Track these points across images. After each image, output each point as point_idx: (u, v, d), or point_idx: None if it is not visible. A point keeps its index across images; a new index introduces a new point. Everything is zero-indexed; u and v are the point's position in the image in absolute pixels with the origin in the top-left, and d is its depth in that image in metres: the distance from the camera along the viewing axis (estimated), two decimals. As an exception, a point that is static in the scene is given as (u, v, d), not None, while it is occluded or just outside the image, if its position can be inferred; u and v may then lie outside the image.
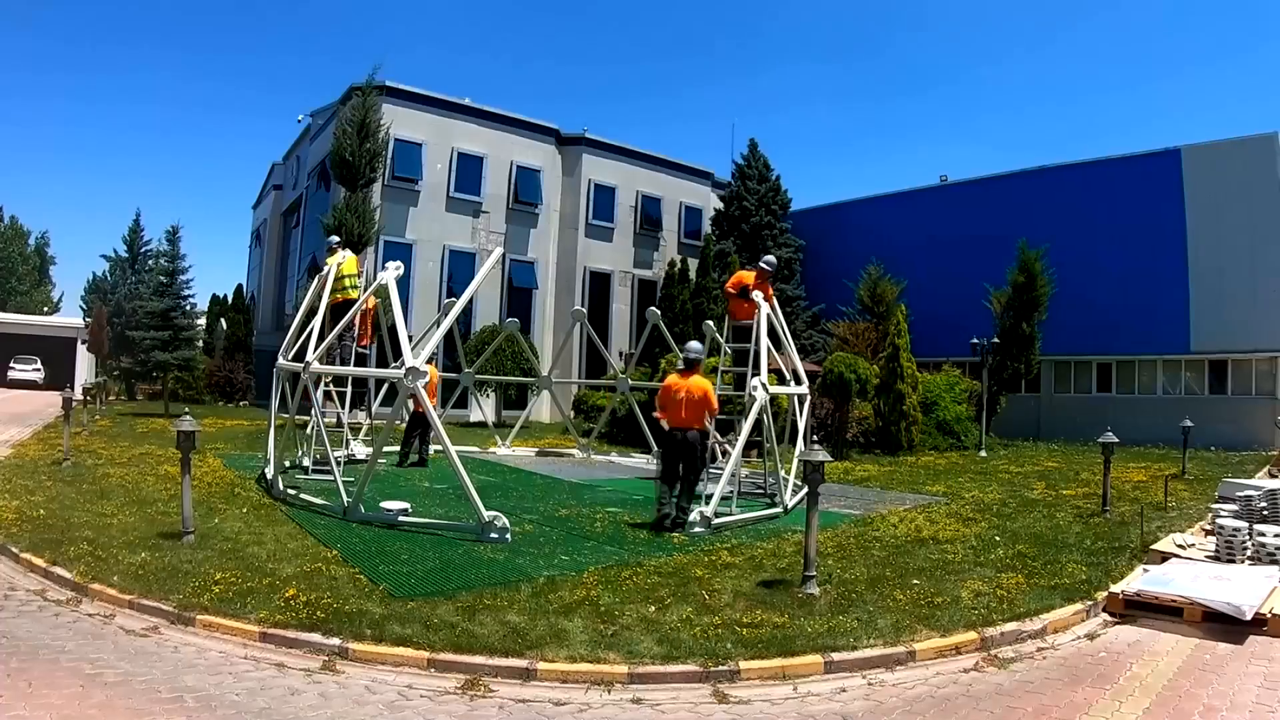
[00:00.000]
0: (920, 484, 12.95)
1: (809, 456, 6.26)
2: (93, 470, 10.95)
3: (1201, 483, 13.15)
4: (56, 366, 38.25)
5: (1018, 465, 16.25)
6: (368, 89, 23.91)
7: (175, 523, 7.26)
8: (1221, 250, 23.03)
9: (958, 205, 28.53)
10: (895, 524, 9.06)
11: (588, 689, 4.52)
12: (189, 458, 7.08)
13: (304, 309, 11.19)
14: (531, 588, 6.03)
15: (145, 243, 41.73)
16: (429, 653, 4.77)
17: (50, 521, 7.56)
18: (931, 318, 25.01)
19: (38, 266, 59.12)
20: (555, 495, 10.90)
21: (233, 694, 4.23)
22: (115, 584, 5.74)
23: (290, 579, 5.95)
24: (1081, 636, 5.67)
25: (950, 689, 4.67)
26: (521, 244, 28.78)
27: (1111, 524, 9.25)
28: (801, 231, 31.04)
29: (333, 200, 24.62)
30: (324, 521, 8.18)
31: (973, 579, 6.60)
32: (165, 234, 25.67)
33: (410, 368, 8.04)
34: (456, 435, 14.11)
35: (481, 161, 27.88)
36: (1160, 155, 24.38)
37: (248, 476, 10.89)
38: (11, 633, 4.95)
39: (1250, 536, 7.23)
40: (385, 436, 10.09)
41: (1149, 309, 24.12)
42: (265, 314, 36.13)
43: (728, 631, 5.18)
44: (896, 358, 18.55)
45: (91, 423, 17.53)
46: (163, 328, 23.24)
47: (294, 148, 35.36)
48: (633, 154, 31.77)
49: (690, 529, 8.26)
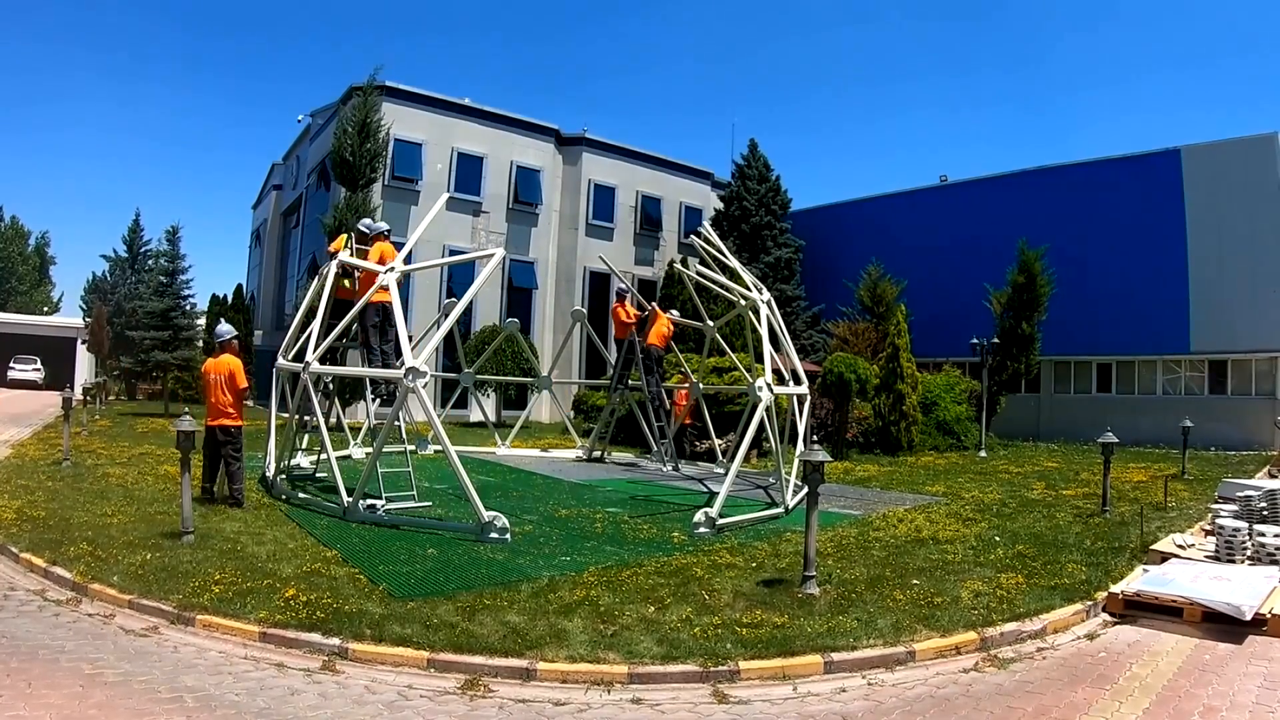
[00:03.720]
0: (920, 484, 12.95)
1: (809, 456, 6.26)
2: (92, 470, 10.95)
3: (1201, 483, 13.15)
4: (56, 366, 38.25)
5: (1017, 465, 16.25)
6: (368, 89, 23.92)
7: (175, 523, 7.26)
8: (1221, 250, 23.02)
9: (958, 205, 28.54)
10: (895, 524, 9.05)
11: (588, 689, 4.52)
12: (189, 458, 7.08)
13: (304, 308, 11.16)
14: (531, 588, 6.03)
15: (145, 243, 41.75)
16: (429, 653, 4.77)
17: (50, 521, 7.56)
18: (931, 318, 25.03)
19: (38, 267, 59.13)
20: (555, 495, 10.91)
21: (233, 694, 4.23)
22: (115, 584, 5.75)
23: (290, 579, 5.95)
24: (1081, 637, 5.67)
25: (950, 689, 4.67)
26: (522, 244, 28.78)
27: (1111, 524, 9.25)
28: (801, 231, 31.02)
29: (333, 200, 24.62)
30: (324, 521, 8.19)
31: (973, 579, 6.60)
32: (165, 234, 25.71)
33: (410, 368, 8.05)
34: (456, 435, 14.12)
35: (481, 161, 27.89)
36: (1160, 155, 24.38)
37: (248, 477, 10.87)
38: (11, 633, 4.95)
39: (1250, 536, 7.23)
40: (385, 436, 10.08)
41: (1149, 309, 24.12)
42: (265, 314, 36.15)
43: (728, 631, 5.18)
44: (896, 358, 18.56)
45: (91, 423, 17.53)
46: (163, 328, 23.25)
47: (294, 148, 35.38)
48: (633, 154, 31.78)
49: (695, 529, 8.26)
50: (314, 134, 30.92)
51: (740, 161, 31.20)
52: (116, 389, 31.59)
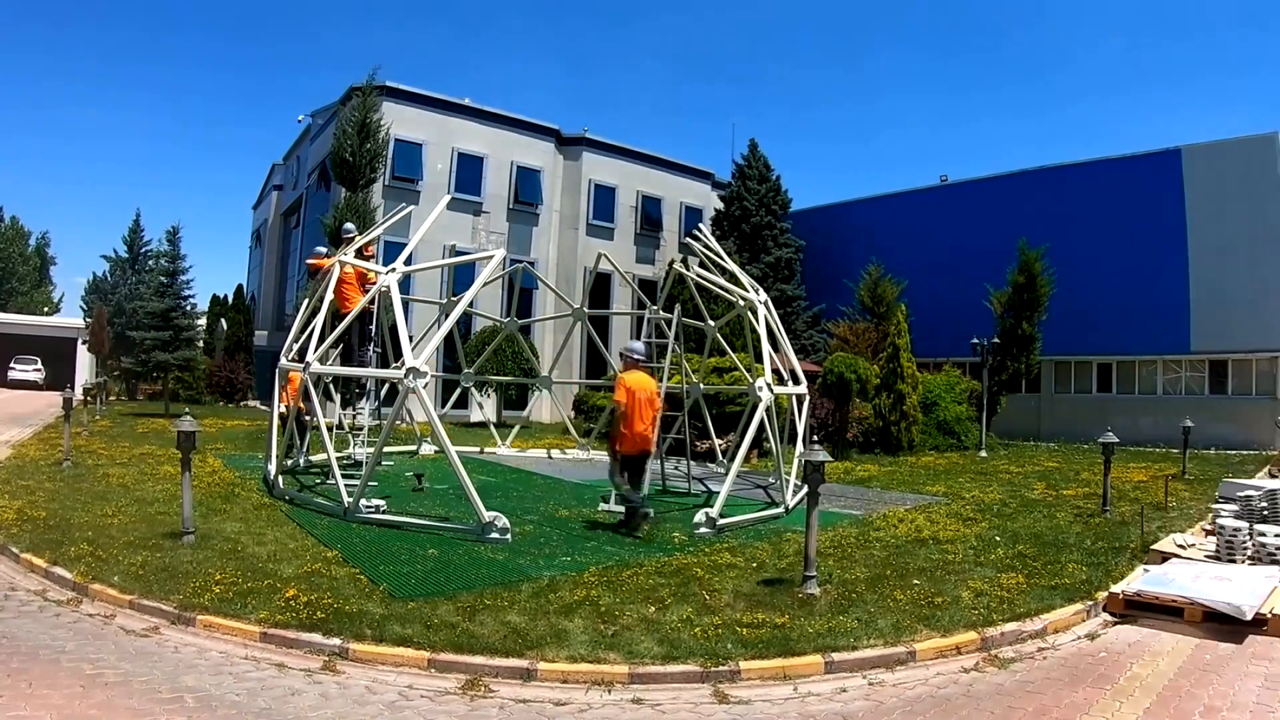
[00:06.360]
0: (920, 484, 12.95)
1: (810, 456, 6.25)
2: (93, 471, 10.94)
3: (1201, 483, 13.15)
4: (57, 367, 38.25)
5: (1018, 465, 16.24)
6: (368, 89, 23.93)
7: (175, 523, 7.26)
8: (1221, 250, 23.02)
9: (958, 205, 28.54)
10: (896, 524, 9.05)
11: (588, 689, 4.52)
12: (189, 458, 7.07)
13: (306, 308, 11.17)
14: (532, 588, 6.04)
15: (145, 243, 41.73)
16: (429, 653, 4.77)
17: (50, 522, 7.56)
18: (931, 318, 25.02)
19: (38, 267, 59.13)
20: (555, 496, 10.90)
21: (233, 694, 4.23)
22: (115, 584, 5.74)
23: (291, 579, 5.95)
24: (1082, 636, 5.67)
25: (950, 689, 4.67)
26: (522, 244, 28.78)
27: (1112, 524, 9.24)
28: (801, 231, 31.03)
29: (333, 200, 24.64)
30: (324, 522, 8.18)
31: (973, 579, 6.60)
32: (165, 234, 25.70)
33: (410, 368, 8.05)
34: (457, 435, 14.13)
35: (482, 161, 27.90)
36: (1160, 155, 24.39)
37: (248, 476, 10.90)
38: (12, 633, 4.95)
39: (1250, 536, 7.22)
40: (385, 437, 10.08)
41: (1149, 309, 24.12)
42: (265, 314, 36.16)
43: (728, 631, 5.18)
44: (896, 358, 18.56)
45: (92, 423, 17.52)
46: (163, 328, 23.24)
47: (294, 148, 35.40)
48: (633, 154, 31.79)
49: (696, 529, 8.26)
50: (314, 134, 30.94)
51: (740, 162, 31.22)
52: (117, 389, 31.58)
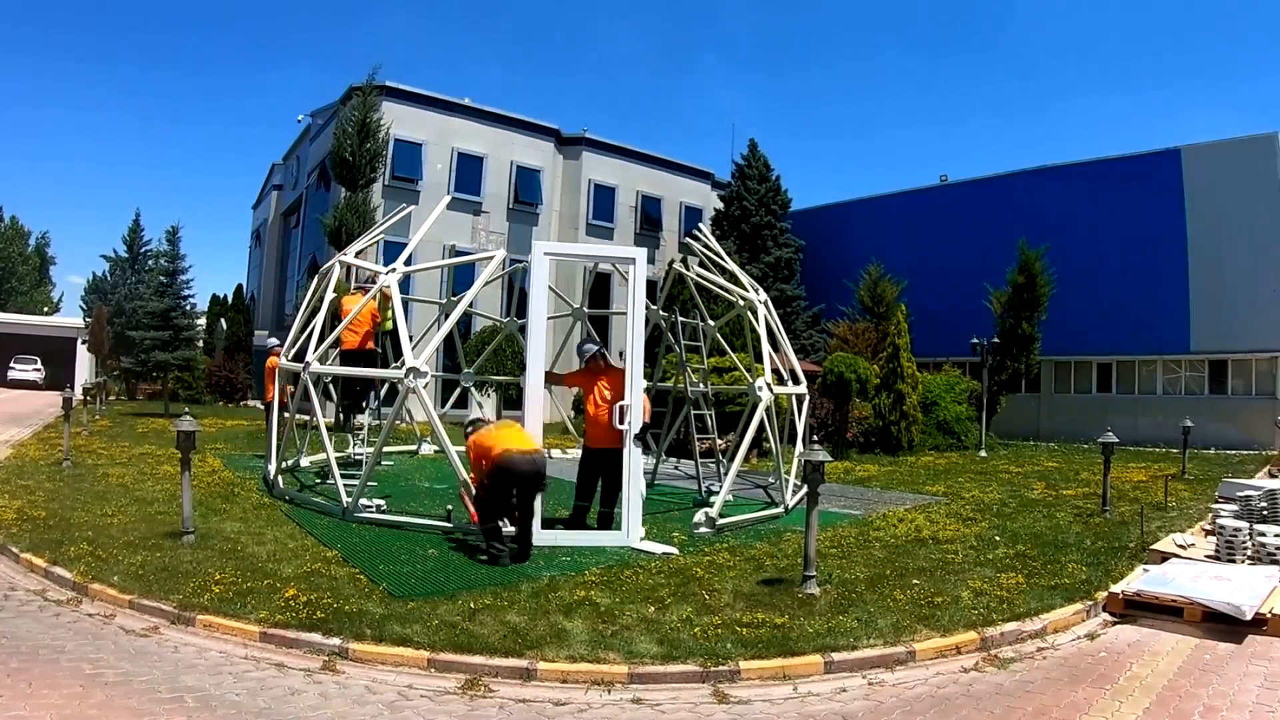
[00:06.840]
0: (920, 484, 12.95)
1: (809, 456, 6.25)
2: (93, 470, 10.94)
3: (1201, 483, 13.15)
4: (56, 366, 38.26)
5: (1018, 465, 16.24)
6: (368, 89, 23.91)
7: (175, 523, 7.26)
8: (1221, 250, 23.02)
9: (958, 205, 28.54)
10: (895, 524, 9.05)
11: (588, 689, 4.52)
12: (189, 458, 7.07)
13: (305, 309, 11.17)
14: (532, 588, 6.03)
15: (145, 243, 41.65)
16: (429, 653, 4.77)
17: (50, 522, 7.55)
18: (931, 318, 25.02)
19: (38, 267, 59.15)
20: (555, 495, 10.87)
21: (233, 694, 4.23)
22: (115, 584, 5.74)
23: (290, 579, 5.95)
24: (1081, 636, 5.66)
25: (950, 689, 4.67)
26: (522, 244, 28.75)
27: (1111, 524, 9.24)
28: (801, 231, 31.03)
29: (333, 200, 24.64)
30: (324, 521, 8.18)
31: (973, 579, 6.60)
32: (165, 234, 25.69)
33: (411, 368, 8.05)
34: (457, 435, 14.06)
35: (481, 161, 27.89)
36: (1160, 155, 24.39)
37: (248, 476, 10.89)
38: (11, 633, 4.95)
39: (1250, 536, 7.22)
40: (385, 436, 10.08)
41: (1149, 309, 24.12)
42: (265, 314, 36.15)
43: (728, 631, 5.18)
44: (896, 358, 18.55)
45: (91, 423, 17.52)
46: (163, 328, 23.23)
47: (294, 148, 35.39)
48: (633, 154, 31.78)
49: (695, 529, 8.26)
50: (314, 134, 30.93)
51: (740, 161, 31.22)
52: (117, 389, 31.56)
